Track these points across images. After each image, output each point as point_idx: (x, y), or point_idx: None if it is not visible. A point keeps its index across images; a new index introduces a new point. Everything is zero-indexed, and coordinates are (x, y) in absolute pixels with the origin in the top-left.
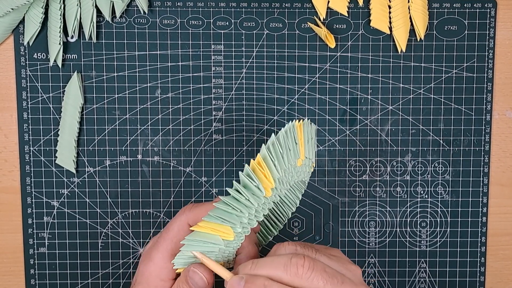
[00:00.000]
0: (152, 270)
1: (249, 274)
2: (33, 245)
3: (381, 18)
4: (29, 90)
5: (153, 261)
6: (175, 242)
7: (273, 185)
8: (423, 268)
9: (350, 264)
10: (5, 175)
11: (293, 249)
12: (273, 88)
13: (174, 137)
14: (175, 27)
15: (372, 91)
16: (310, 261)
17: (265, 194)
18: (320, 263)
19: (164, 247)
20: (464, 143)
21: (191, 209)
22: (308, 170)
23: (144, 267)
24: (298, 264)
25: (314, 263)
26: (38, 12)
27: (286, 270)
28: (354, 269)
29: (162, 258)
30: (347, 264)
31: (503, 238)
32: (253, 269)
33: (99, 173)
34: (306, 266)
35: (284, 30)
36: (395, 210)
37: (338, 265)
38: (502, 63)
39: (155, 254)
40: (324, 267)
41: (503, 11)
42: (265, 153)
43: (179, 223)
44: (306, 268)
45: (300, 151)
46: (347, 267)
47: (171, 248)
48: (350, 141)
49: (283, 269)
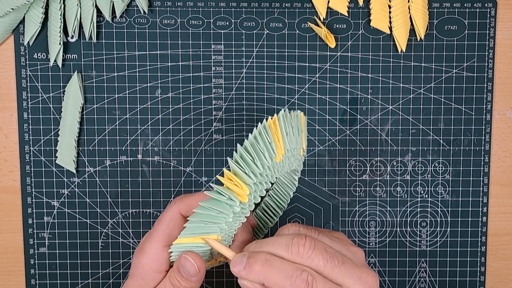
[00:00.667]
0: (145, 262)
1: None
2: (33, 245)
3: (381, 18)
4: (29, 90)
5: (146, 253)
6: (168, 233)
7: (247, 191)
8: (423, 268)
9: (352, 246)
10: (5, 175)
11: (296, 230)
12: (273, 88)
13: (174, 137)
14: (175, 27)
15: (372, 91)
16: (311, 240)
17: (241, 200)
18: (321, 243)
19: (157, 238)
20: (464, 142)
21: (182, 199)
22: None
23: (137, 259)
24: (299, 244)
25: (315, 243)
26: (38, 12)
27: (287, 249)
28: (356, 250)
29: (155, 249)
30: (349, 246)
31: (503, 238)
32: (257, 247)
33: (99, 173)
34: (307, 246)
35: (284, 30)
36: (395, 210)
37: (340, 246)
38: (502, 62)
39: (148, 246)
40: (325, 247)
41: (503, 11)
42: (231, 164)
43: (171, 214)
44: (307, 248)
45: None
46: (349, 249)
47: (163, 240)
48: (350, 141)
49: (284, 248)
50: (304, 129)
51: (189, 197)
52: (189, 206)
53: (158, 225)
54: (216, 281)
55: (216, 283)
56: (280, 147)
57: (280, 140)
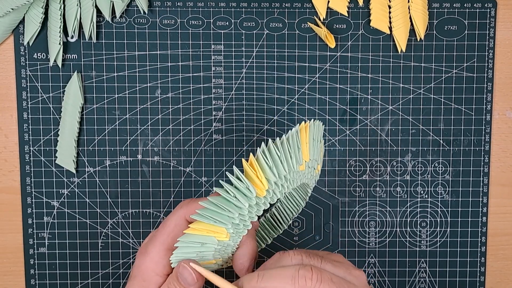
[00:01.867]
0: (148, 264)
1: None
2: (33, 245)
3: (381, 18)
4: (29, 90)
5: (149, 256)
6: (172, 237)
7: (266, 186)
8: (423, 268)
9: (354, 270)
10: (5, 175)
11: (299, 260)
12: (273, 88)
13: (174, 137)
14: (175, 27)
15: (372, 91)
16: (317, 273)
17: (257, 194)
18: (326, 273)
19: (161, 241)
20: (464, 143)
21: (188, 204)
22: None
23: (140, 261)
24: (306, 277)
25: (322, 274)
26: (38, 12)
27: (294, 283)
28: (358, 274)
29: (158, 252)
30: (351, 270)
31: (503, 238)
32: (260, 282)
33: (99, 173)
34: (314, 279)
35: (284, 30)
36: (395, 210)
37: (343, 271)
38: (502, 63)
39: (151, 249)
40: (331, 277)
41: (503, 11)
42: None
43: (176, 218)
44: (314, 281)
45: (304, 155)
46: (351, 273)
47: (167, 243)
48: (350, 141)
49: (291, 282)
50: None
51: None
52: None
53: (163, 228)
54: None
55: None
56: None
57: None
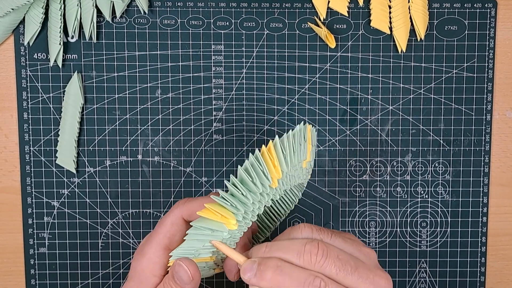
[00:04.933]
0: (145, 265)
1: (262, 257)
2: (33, 245)
3: (381, 18)
4: (29, 90)
5: (146, 256)
6: (169, 236)
7: (281, 175)
8: (423, 268)
9: (364, 247)
10: (5, 175)
11: (309, 233)
12: (273, 88)
13: (174, 137)
14: (175, 27)
15: (372, 91)
16: (323, 249)
17: (271, 183)
18: (333, 250)
19: (157, 241)
20: (464, 143)
21: (184, 203)
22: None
23: (136, 262)
24: (312, 252)
25: (328, 251)
26: (38, 12)
27: (299, 256)
28: (368, 252)
29: (155, 253)
30: (361, 247)
31: (503, 238)
32: (267, 252)
33: (99, 173)
34: (320, 254)
35: (284, 30)
36: (395, 210)
37: (352, 248)
38: (502, 63)
39: (148, 249)
40: (338, 253)
41: (503, 11)
42: (277, 142)
43: (172, 217)
44: (319, 256)
45: (308, 152)
46: (361, 250)
47: (164, 243)
48: (350, 141)
49: (296, 255)
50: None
51: (191, 201)
52: (191, 210)
53: (159, 228)
54: (216, 281)
55: (216, 283)
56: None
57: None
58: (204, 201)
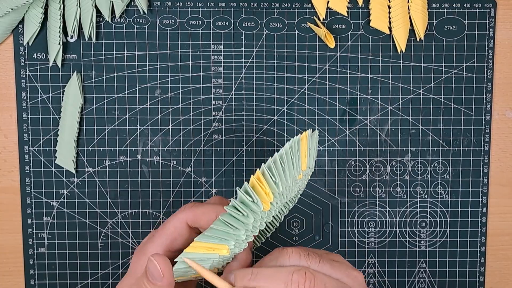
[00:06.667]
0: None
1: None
2: (32, 245)
3: (380, 18)
4: (28, 90)
5: (147, 255)
6: (171, 239)
7: (272, 199)
8: (422, 268)
9: (352, 271)
10: (4, 175)
11: (297, 259)
12: (272, 88)
13: (173, 137)
14: (174, 27)
15: (371, 91)
16: (311, 279)
17: (263, 208)
18: (321, 278)
19: (159, 242)
20: (463, 143)
21: (191, 208)
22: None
23: (136, 259)
24: (299, 283)
25: (315, 280)
26: (37, 12)
27: (286, 287)
28: (356, 275)
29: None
30: (349, 271)
31: (503, 238)
32: (252, 280)
33: (99, 173)
34: (307, 285)
35: (283, 30)
36: (394, 210)
37: (340, 273)
38: (502, 63)
39: (149, 248)
40: (326, 282)
41: (502, 11)
42: (265, 170)
43: (177, 221)
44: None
45: (302, 164)
46: (349, 274)
47: (166, 245)
48: (350, 141)
49: (283, 286)
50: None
51: (198, 207)
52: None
53: (162, 230)
54: None
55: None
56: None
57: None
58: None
